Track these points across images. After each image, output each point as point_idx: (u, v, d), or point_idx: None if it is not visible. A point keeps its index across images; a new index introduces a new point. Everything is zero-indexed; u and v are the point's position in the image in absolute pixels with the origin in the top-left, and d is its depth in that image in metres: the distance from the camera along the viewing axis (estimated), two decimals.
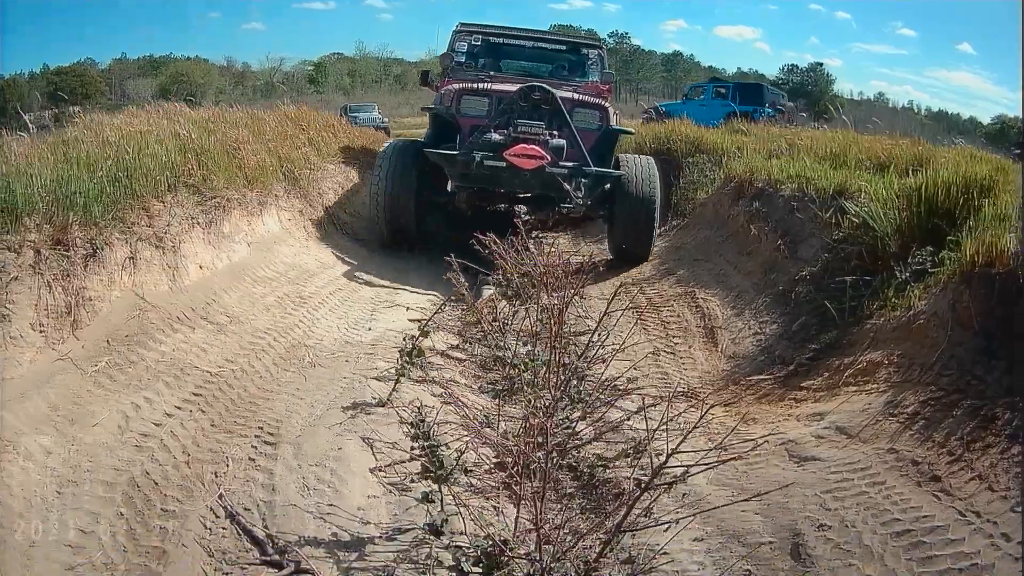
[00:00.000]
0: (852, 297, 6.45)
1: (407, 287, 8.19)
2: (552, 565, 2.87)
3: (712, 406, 5.53)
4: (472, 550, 3.21)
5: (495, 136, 9.07)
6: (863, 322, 6.05)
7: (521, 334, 5.79)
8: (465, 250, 6.29)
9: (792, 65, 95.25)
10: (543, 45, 12.56)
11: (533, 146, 8.95)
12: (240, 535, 3.49)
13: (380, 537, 3.57)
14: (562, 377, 4.55)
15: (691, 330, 7.62)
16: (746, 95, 27.55)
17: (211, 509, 3.65)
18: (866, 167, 8.96)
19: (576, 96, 9.92)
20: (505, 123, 9.20)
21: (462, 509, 3.41)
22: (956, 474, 3.94)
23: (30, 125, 7.58)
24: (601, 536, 3.07)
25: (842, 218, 7.37)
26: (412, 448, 3.70)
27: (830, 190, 8.02)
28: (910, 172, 7.59)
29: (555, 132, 9.25)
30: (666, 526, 3.12)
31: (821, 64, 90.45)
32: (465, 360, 5.90)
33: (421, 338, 4.89)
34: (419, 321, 5.25)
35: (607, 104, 10.26)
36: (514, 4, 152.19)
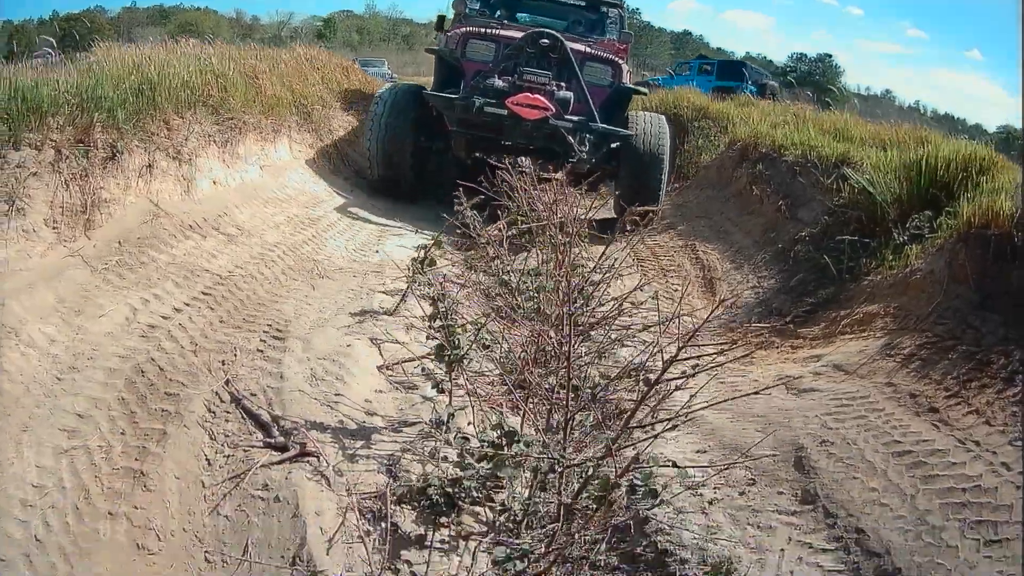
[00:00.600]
0: (850, 257, 6.52)
1: (409, 225, 7.97)
2: (561, 457, 2.81)
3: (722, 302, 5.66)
4: (478, 444, 3.15)
5: (499, 82, 8.62)
6: (860, 279, 6.16)
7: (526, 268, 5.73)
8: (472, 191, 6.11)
9: (800, 54, 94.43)
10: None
11: (538, 96, 8.43)
12: (244, 419, 3.43)
13: (386, 428, 3.52)
14: (568, 296, 4.49)
15: (690, 279, 7.57)
16: (729, 72, 27.94)
17: (216, 394, 3.60)
18: (869, 144, 8.80)
19: (588, 50, 9.49)
20: (510, 70, 8.75)
21: (471, 399, 3.36)
22: (954, 408, 3.97)
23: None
24: (612, 433, 2.99)
25: (843, 184, 7.37)
26: (429, 328, 3.63)
27: (833, 158, 8.03)
28: (912, 150, 7.50)
29: (562, 84, 8.80)
30: (673, 429, 3.04)
31: (830, 56, 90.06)
32: (470, 287, 5.82)
33: (434, 248, 4.77)
34: (426, 247, 5.16)
35: (620, 61, 9.73)
36: None
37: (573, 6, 11.72)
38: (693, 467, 3.13)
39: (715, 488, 3.38)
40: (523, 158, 7.21)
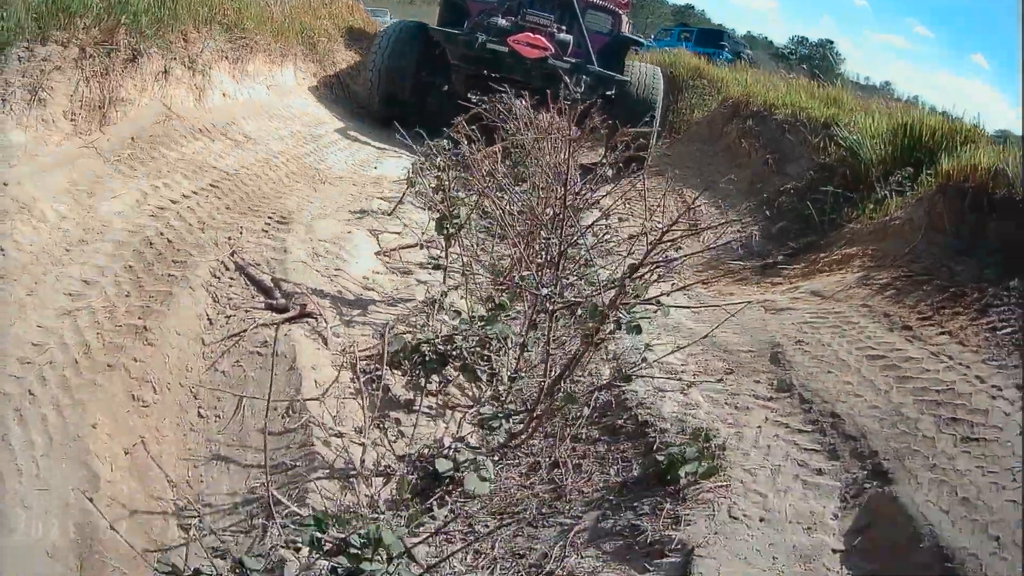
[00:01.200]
0: (833, 207, 6.74)
1: (406, 151, 7.84)
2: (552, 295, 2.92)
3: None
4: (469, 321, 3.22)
5: (502, 21, 8.58)
6: (842, 227, 6.37)
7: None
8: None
9: (801, 37, 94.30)
10: None
11: (539, 36, 8.44)
12: (248, 286, 3.50)
13: (381, 302, 3.61)
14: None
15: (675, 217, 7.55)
16: (708, 39, 28.43)
17: (222, 263, 3.66)
18: (858, 111, 8.73)
19: None
20: (515, 10, 8.74)
21: (466, 273, 3.44)
22: (927, 327, 4.11)
23: None
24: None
25: (830, 144, 7.55)
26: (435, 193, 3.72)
27: (822, 119, 8.17)
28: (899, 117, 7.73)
29: (563, 27, 8.85)
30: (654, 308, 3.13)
31: (832, 42, 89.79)
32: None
33: (439, 149, 4.81)
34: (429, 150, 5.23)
35: (622, 11, 9.74)
36: None
37: None
38: (675, 306, 3.26)
39: (694, 375, 3.46)
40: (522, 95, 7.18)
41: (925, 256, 5.07)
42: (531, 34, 8.32)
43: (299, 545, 1.91)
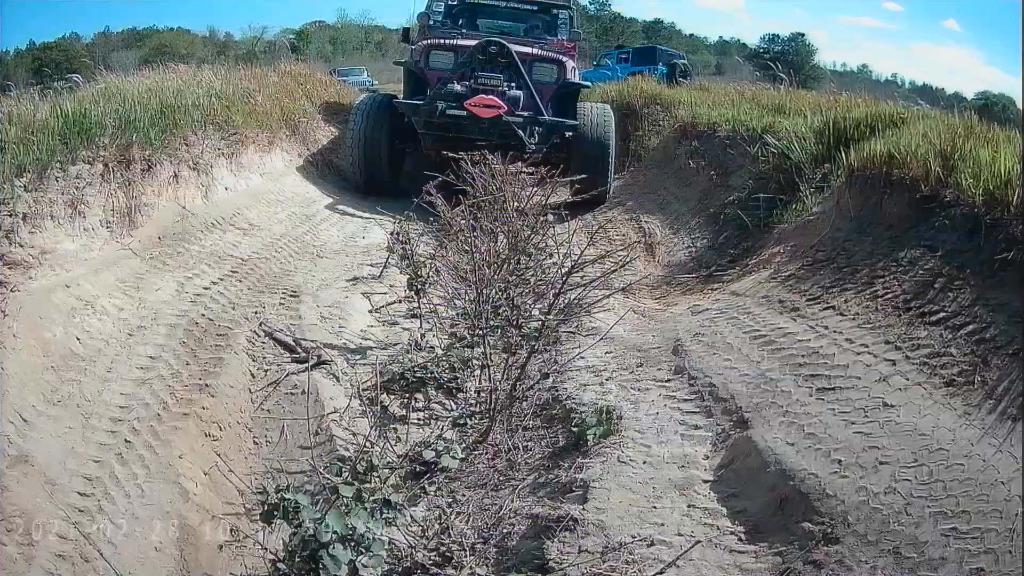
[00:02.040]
0: (766, 213, 7.55)
1: (389, 217, 8.86)
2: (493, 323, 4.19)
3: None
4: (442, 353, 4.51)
5: (457, 87, 9.67)
6: (772, 230, 7.18)
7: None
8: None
9: (773, 35, 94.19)
10: (516, 5, 13.44)
11: (492, 96, 9.51)
12: (275, 347, 4.78)
13: (376, 348, 4.92)
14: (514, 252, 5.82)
15: (633, 245, 8.67)
16: (642, 57, 30.71)
17: (254, 332, 4.93)
18: (803, 113, 9.63)
19: (535, 51, 10.52)
20: (467, 75, 9.84)
21: (435, 318, 4.73)
22: (812, 306, 5.12)
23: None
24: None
25: (766, 152, 8.32)
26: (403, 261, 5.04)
27: (759, 130, 9.01)
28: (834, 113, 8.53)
29: (512, 84, 9.86)
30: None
31: (803, 35, 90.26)
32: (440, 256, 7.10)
33: (405, 224, 6.06)
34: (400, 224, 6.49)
35: (565, 60, 10.76)
36: None
37: (527, 10, 12.90)
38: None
39: (614, 372, 4.71)
40: (485, 152, 8.28)
41: (830, 243, 5.86)
42: (484, 96, 9.44)
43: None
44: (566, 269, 4.73)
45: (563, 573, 2.79)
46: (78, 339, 4.40)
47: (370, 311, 5.58)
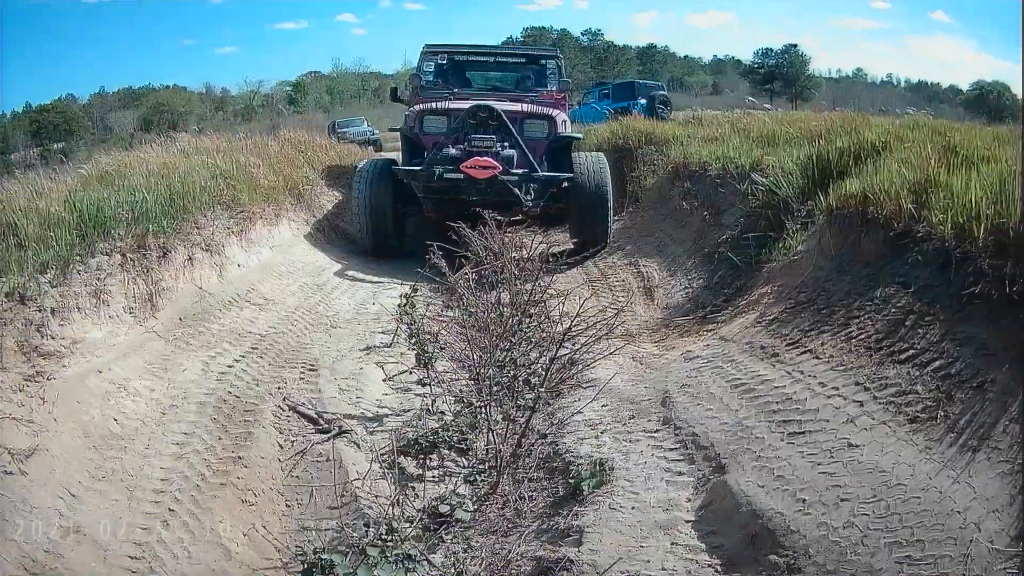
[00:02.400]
0: (756, 250, 7.89)
1: (397, 280, 9.59)
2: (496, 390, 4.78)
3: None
4: (451, 417, 5.09)
5: (452, 151, 10.31)
6: (761, 269, 7.50)
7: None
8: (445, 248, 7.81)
9: (766, 49, 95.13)
10: (504, 59, 14.21)
11: (486, 158, 10.15)
12: (299, 419, 5.36)
13: (391, 415, 5.51)
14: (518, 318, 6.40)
15: (633, 291, 9.28)
16: (621, 93, 31.70)
17: (279, 407, 5.50)
18: (796, 142, 10.16)
19: (525, 109, 11.23)
20: (461, 138, 10.47)
21: (443, 386, 5.32)
22: (791, 351, 5.53)
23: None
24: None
25: (755, 189, 8.66)
26: (411, 339, 5.69)
27: (747, 167, 9.42)
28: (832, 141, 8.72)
29: (505, 144, 10.49)
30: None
31: (795, 45, 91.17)
32: (444, 320, 7.68)
33: (412, 295, 6.62)
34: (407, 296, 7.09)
35: (555, 114, 11.41)
36: (483, 6, 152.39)
37: (516, 63, 13.74)
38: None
39: (608, 424, 5.26)
40: (484, 211, 8.60)
41: (812, 283, 6.17)
42: (479, 158, 10.05)
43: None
44: (561, 331, 5.34)
45: None
46: (115, 420, 4.95)
47: (384, 380, 6.17)
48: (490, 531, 4.29)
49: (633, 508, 4.20)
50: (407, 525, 3.95)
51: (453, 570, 3.84)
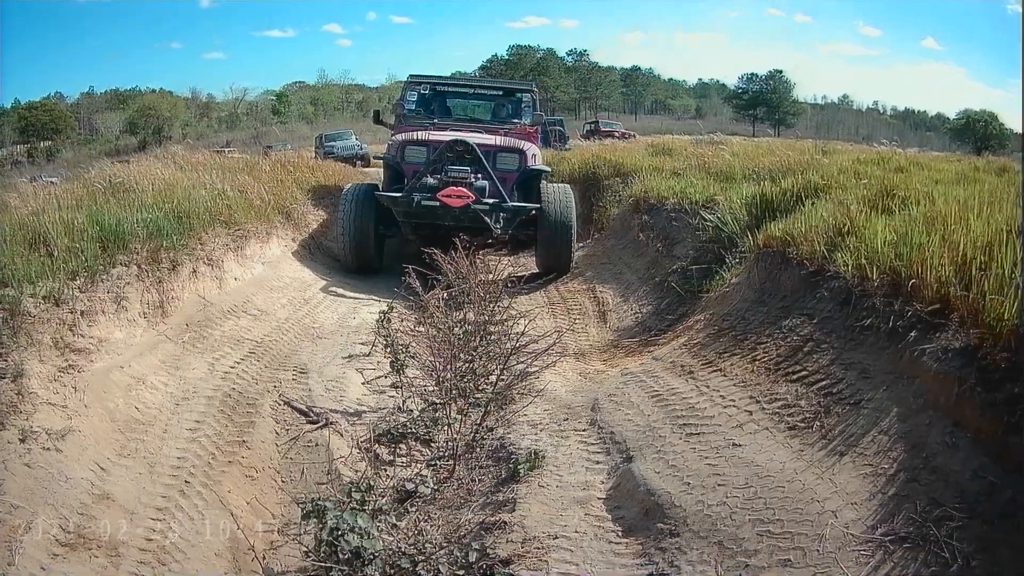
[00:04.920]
0: (699, 281, 8.77)
1: (375, 297, 10.66)
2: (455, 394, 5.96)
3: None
4: (418, 415, 6.25)
5: (430, 180, 11.46)
6: (700, 298, 8.39)
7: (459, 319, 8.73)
8: (419, 270, 8.93)
9: (751, 74, 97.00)
10: (482, 91, 15.56)
11: (461, 188, 11.27)
12: (293, 412, 6.50)
13: (368, 411, 6.68)
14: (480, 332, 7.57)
15: (588, 314, 10.36)
16: None
17: (276, 401, 6.62)
18: (754, 178, 11.24)
19: (498, 143, 12.39)
20: (439, 169, 11.61)
21: (412, 389, 6.50)
22: (704, 370, 6.51)
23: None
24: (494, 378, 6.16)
25: (705, 224, 9.56)
26: (386, 349, 6.91)
27: (700, 202, 10.39)
28: (783, 180, 9.72)
29: (479, 175, 11.64)
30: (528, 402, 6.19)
31: (780, 71, 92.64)
32: (416, 334, 8.81)
33: (389, 312, 7.77)
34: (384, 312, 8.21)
35: (526, 147, 12.52)
36: (470, 22, 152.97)
37: (493, 95, 15.00)
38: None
39: (547, 424, 6.39)
40: (457, 236, 9.75)
41: (735, 313, 7.02)
42: (454, 187, 11.20)
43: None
44: (510, 347, 6.58)
45: (496, 554, 4.49)
46: (136, 408, 5.99)
47: (363, 383, 7.31)
48: (447, 506, 5.40)
49: (557, 487, 5.34)
50: (380, 497, 5.10)
51: (415, 529, 4.98)
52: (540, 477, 5.47)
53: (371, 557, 4.16)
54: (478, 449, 6.08)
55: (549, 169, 14.09)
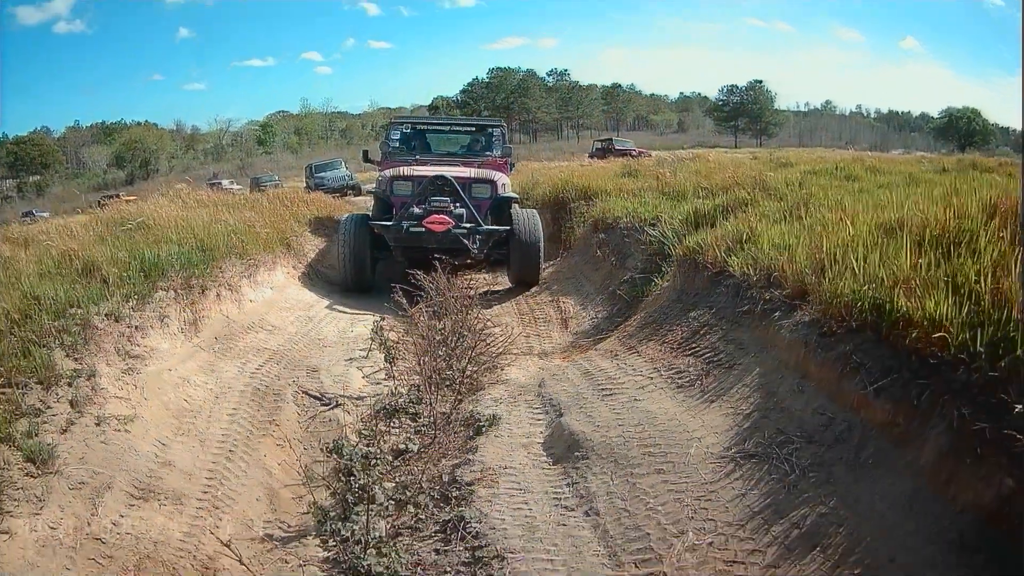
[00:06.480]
0: (642, 288, 10.34)
1: (369, 312, 12.30)
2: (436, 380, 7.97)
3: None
4: (406, 398, 8.25)
5: (416, 210, 13.26)
6: (642, 301, 9.98)
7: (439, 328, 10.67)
8: (405, 289, 10.75)
9: (732, 86, 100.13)
10: (457, 128, 17.88)
11: (442, 215, 13.13)
12: (309, 398, 8.47)
13: (368, 397, 8.64)
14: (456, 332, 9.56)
15: (552, 321, 12.05)
16: None
17: (296, 391, 8.55)
18: (700, 195, 12.96)
19: (473, 175, 14.11)
20: (423, 200, 13.41)
21: (402, 379, 8.51)
22: (627, 354, 8.39)
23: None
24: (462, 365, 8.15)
25: (650, 238, 11.03)
26: (379, 347, 8.90)
27: (648, 219, 11.88)
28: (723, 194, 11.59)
29: (457, 204, 13.45)
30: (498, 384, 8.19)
31: (760, 81, 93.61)
32: (405, 339, 10.76)
33: (381, 322, 9.78)
34: (377, 324, 10.15)
35: (497, 178, 14.35)
36: (448, 45, 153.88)
37: (467, 132, 17.24)
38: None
39: (505, 399, 8.30)
40: (440, 257, 11.53)
41: (660, 311, 8.60)
42: (437, 215, 13.15)
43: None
44: (485, 341, 8.57)
45: (463, 480, 6.48)
46: (185, 400, 7.72)
47: (363, 377, 9.22)
48: (428, 461, 7.34)
49: (509, 437, 7.24)
50: (380, 453, 7.08)
51: (408, 476, 6.93)
52: (496, 431, 7.36)
53: (372, 496, 5.97)
54: (454, 422, 7.90)
55: (517, 196, 15.77)
